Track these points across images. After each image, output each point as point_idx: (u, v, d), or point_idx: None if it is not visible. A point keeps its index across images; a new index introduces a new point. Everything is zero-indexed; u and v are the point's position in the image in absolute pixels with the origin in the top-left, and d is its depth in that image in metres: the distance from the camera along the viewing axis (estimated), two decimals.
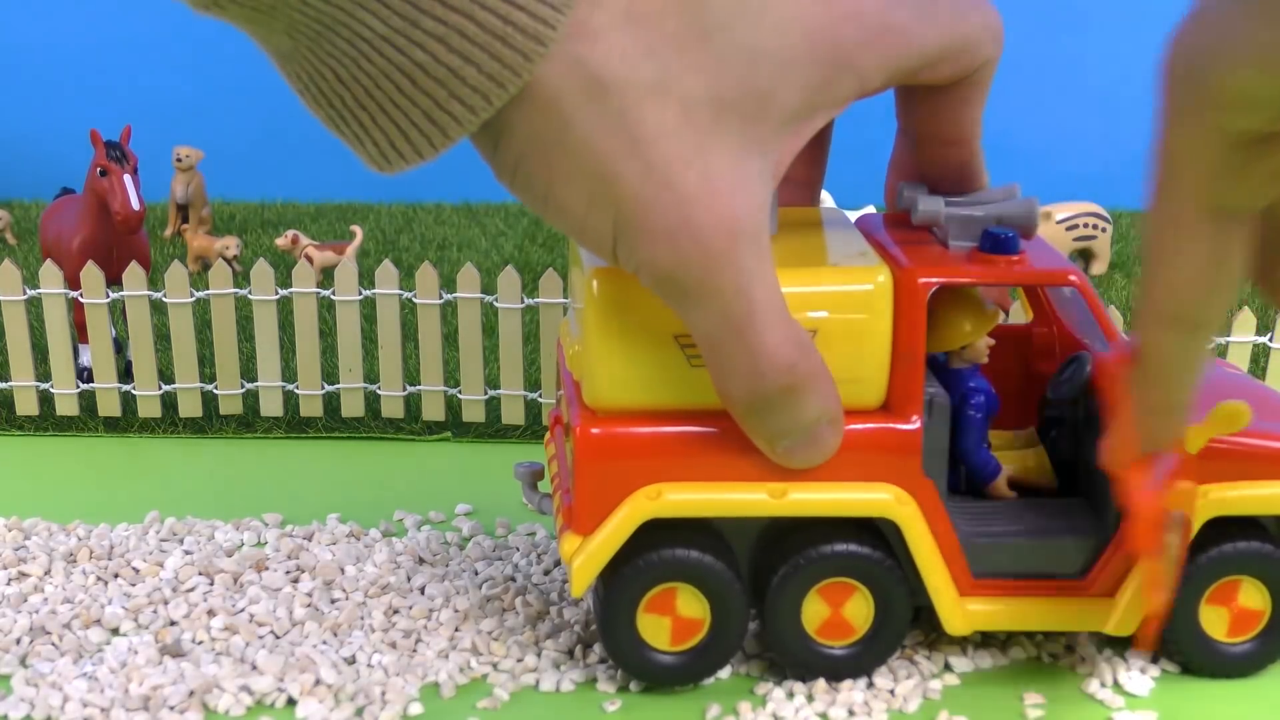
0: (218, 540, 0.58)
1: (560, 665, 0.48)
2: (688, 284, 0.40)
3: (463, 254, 1.05)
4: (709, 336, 0.41)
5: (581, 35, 0.37)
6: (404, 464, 0.69)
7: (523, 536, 0.59)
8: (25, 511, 0.61)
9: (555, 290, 0.69)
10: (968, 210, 0.45)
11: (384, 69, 0.36)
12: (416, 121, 0.37)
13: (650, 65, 0.38)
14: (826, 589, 0.46)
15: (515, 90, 0.37)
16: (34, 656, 0.49)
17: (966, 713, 0.46)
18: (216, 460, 0.70)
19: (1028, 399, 0.52)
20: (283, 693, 0.47)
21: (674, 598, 0.46)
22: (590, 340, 0.44)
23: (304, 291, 0.71)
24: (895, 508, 0.45)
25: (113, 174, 0.75)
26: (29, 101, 1.29)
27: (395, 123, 0.37)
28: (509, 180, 0.40)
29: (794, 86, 0.39)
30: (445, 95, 0.37)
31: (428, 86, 0.36)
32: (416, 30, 0.36)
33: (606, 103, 0.38)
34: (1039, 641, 0.50)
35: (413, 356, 0.74)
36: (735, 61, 0.38)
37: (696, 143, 0.38)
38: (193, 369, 0.73)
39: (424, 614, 0.51)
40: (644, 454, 0.44)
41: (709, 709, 0.46)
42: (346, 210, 1.22)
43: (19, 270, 0.71)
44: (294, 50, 0.37)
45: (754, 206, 0.39)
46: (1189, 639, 0.47)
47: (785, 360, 0.41)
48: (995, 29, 0.43)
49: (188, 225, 1.10)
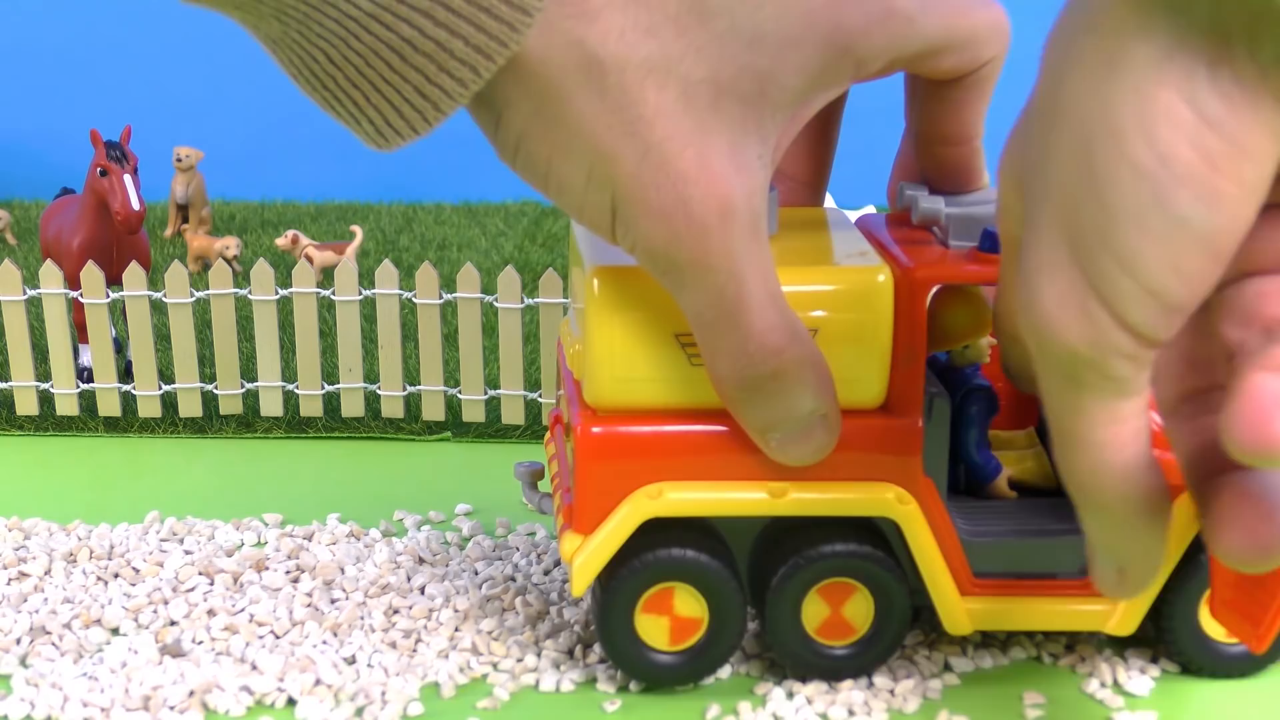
0: (218, 540, 0.58)
1: (560, 665, 0.48)
2: (681, 263, 0.40)
3: (463, 254, 1.05)
4: (700, 317, 0.41)
5: (580, 15, 0.37)
6: (404, 464, 0.69)
7: (523, 536, 0.59)
8: (25, 511, 0.61)
9: (555, 290, 0.69)
10: (968, 210, 0.45)
11: (373, 46, 0.37)
12: (409, 97, 0.38)
13: (650, 45, 0.38)
14: (826, 589, 0.46)
15: (502, 62, 0.37)
16: (34, 656, 0.49)
17: (966, 713, 0.46)
18: (216, 460, 0.70)
19: (1028, 399, 0.52)
20: (283, 693, 0.47)
21: (671, 597, 0.46)
22: (590, 340, 0.44)
23: (304, 291, 0.71)
24: (896, 507, 0.45)
25: (113, 174, 0.75)
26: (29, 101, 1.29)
27: (388, 100, 0.38)
28: (510, 159, 0.40)
29: (794, 69, 0.39)
30: (434, 69, 0.37)
31: (417, 62, 0.37)
32: (402, 6, 0.36)
33: (605, 82, 0.38)
34: (1039, 641, 0.50)
35: (413, 356, 0.74)
36: (735, 43, 0.39)
37: (695, 123, 0.38)
38: (193, 369, 0.73)
39: (424, 614, 0.51)
40: (644, 453, 0.44)
41: (709, 709, 0.46)
42: (346, 210, 1.22)
43: (19, 270, 0.71)
44: (284, 34, 0.38)
45: (750, 188, 0.39)
46: (1189, 639, 0.47)
47: (774, 344, 0.41)
48: (1002, 28, 0.43)
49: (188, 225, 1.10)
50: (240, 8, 0.37)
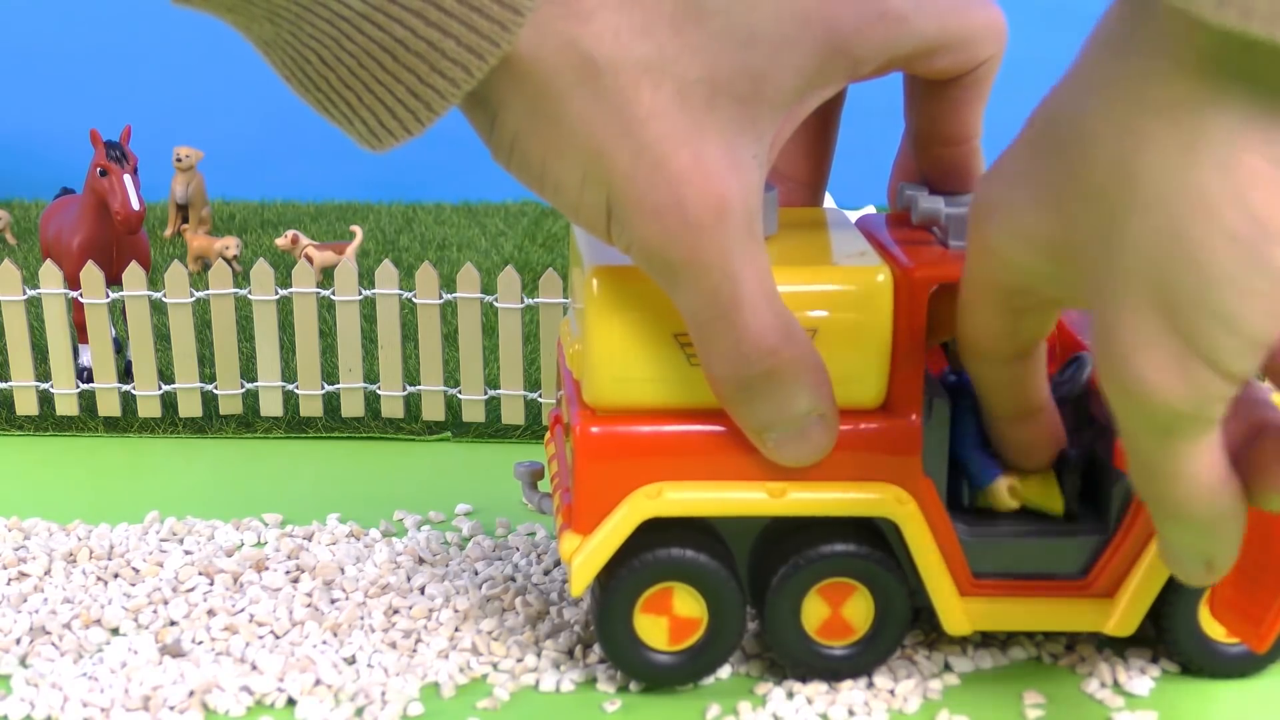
0: (218, 540, 0.58)
1: (560, 665, 0.48)
2: (676, 262, 0.40)
3: (463, 254, 1.05)
4: (695, 316, 0.41)
5: (574, 15, 0.37)
6: (404, 464, 0.69)
7: (523, 536, 0.59)
8: (25, 511, 0.61)
9: (555, 290, 0.69)
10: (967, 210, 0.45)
11: (365, 47, 0.37)
12: (401, 97, 0.38)
13: (645, 45, 0.38)
14: (826, 589, 0.46)
15: (494, 61, 0.37)
16: (34, 656, 0.49)
17: (966, 713, 0.46)
18: (216, 460, 0.70)
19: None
20: (283, 693, 0.47)
21: (671, 597, 0.46)
22: (590, 340, 0.44)
23: (304, 291, 0.71)
24: (895, 507, 0.45)
25: (113, 174, 0.75)
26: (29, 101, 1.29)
27: (381, 100, 0.38)
28: (505, 160, 0.40)
29: (788, 69, 0.39)
30: (426, 69, 0.37)
31: (409, 61, 0.37)
32: (394, 6, 0.36)
33: (600, 82, 0.38)
34: (1039, 641, 0.50)
35: (413, 356, 0.74)
36: (730, 43, 0.39)
37: (690, 123, 0.38)
38: (192, 369, 0.73)
39: (424, 614, 0.51)
40: (644, 453, 0.44)
41: (709, 709, 0.46)
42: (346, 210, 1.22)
43: (19, 270, 0.71)
44: (276, 36, 0.38)
45: (745, 188, 0.39)
46: (1189, 639, 0.47)
47: (769, 343, 0.41)
48: (997, 28, 0.43)
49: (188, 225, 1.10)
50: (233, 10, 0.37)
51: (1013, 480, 0.46)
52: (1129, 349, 0.35)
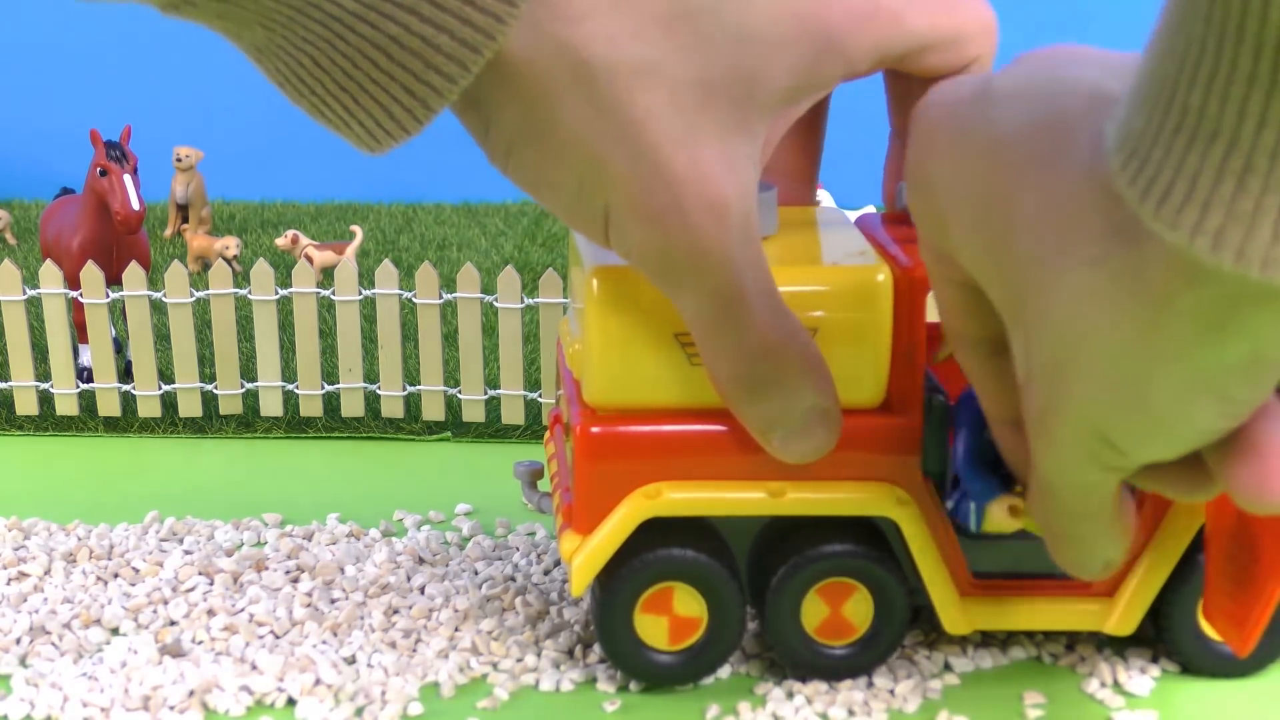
0: (217, 540, 0.58)
1: (560, 665, 0.48)
2: (676, 265, 0.40)
3: (463, 254, 1.05)
4: (697, 318, 0.41)
5: (567, 19, 0.37)
6: (404, 464, 0.69)
7: (523, 536, 0.59)
8: (25, 511, 0.61)
9: (555, 290, 0.69)
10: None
11: (359, 46, 0.37)
12: (398, 97, 0.37)
13: (637, 48, 0.38)
14: (826, 589, 0.46)
15: (489, 55, 0.37)
16: (34, 656, 0.49)
17: (966, 713, 0.46)
18: (216, 460, 0.70)
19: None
20: (283, 693, 0.47)
21: (671, 597, 0.46)
22: (590, 339, 0.44)
23: (304, 291, 0.71)
24: (895, 507, 0.45)
25: (113, 174, 0.75)
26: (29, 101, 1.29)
27: (377, 101, 0.38)
28: (502, 165, 0.40)
29: (781, 68, 0.39)
30: (422, 66, 0.37)
31: (404, 59, 0.37)
32: (386, 4, 0.36)
33: (594, 87, 0.38)
34: (1039, 641, 0.50)
35: (413, 356, 0.74)
36: (723, 43, 0.38)
37: (685, 125, 0.38)
38: (192, 369, 0.73)
39: (424, 614, 0.51)
40: (644, 453, 0.44)
41: (709, 709, 0.46)
42: (346, 210, 1.22)
43: (19, 270, 0.71)
44: (269, 42, 0.37)
45: (742, 188, 0.39)
46: (1189, 639, 0.47)
47: (771, 341, 0.41)
48: (988, 26, 0.43)
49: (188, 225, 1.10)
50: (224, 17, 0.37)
51: (1014, 500, 0.44)
52: (1056, 446, 0.36)
